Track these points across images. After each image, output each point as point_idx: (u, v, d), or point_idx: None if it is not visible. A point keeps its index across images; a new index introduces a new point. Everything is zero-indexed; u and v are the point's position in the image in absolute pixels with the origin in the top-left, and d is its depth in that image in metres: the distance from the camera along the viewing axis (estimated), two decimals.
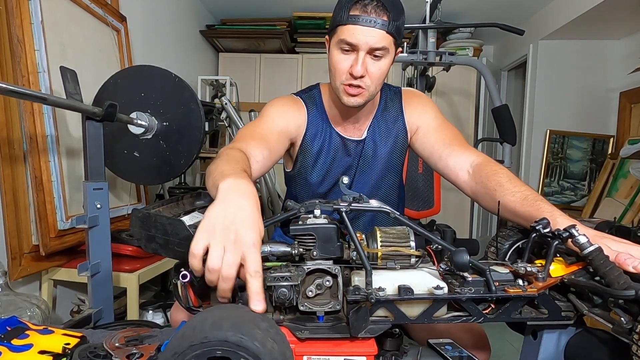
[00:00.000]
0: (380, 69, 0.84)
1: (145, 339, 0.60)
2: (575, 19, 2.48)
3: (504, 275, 0.52)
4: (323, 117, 0.98)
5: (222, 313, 0.39)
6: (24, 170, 1.30)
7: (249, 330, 0.38)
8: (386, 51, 0.82)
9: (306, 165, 0.99)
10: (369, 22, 0.79)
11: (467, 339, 0.76)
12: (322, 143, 0.97)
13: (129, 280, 1.40)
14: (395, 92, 1.02)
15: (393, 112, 0.99)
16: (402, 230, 0.57)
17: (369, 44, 0.80)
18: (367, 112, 0.98)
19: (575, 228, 0.51)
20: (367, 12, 0.79)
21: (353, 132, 0.99)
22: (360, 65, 0.81)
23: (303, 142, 0.97)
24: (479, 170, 0.80)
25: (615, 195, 2.36)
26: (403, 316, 0.50)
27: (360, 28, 0.79)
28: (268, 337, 0.38)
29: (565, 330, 0.53)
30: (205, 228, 0.48)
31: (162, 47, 2.37)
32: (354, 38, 0.80)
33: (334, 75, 0.87)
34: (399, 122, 0.99)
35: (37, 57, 1.29)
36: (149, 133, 1.34)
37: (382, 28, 0.79)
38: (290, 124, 0.94)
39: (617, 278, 0.47)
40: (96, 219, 1.12)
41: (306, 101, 0.99)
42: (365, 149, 0.98)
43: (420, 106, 0.99)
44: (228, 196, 0.52)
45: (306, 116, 0.97)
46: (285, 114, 0.94)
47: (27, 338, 0.56)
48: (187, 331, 0.38)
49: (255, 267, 0.46)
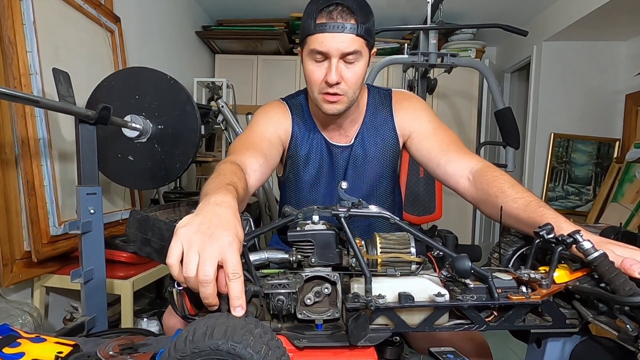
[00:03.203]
0: (355, 73, 0.84)
1: (140, 348, 0.60)
2: (580, 20, 2.45)
3: (506, 282, 0.51)
4: (309, 122, 0.98)
5: (213, 322, 0.39)
6: (16, 175, 1.28)
7: (241, 337, 0.37)
8: (358, 54, 0.82)
9: (295, 171, 0.99)
10: (336, 28, 0.79)
11: (469, 348, 0.76)
12: (309, 148, 0.97)
13: (123, 287, 1.38)
14: (385, 95, 1.00)
15: (382, 115, 0.98)
16: (403, 237, 0.57)
17: (340, 50, 0.80)
18: (351, 117, 0.97)
19: (579, 233, 0.51)
20: (334, 18, 0.79)
21: (340, 138, 0.98)
22: (335, 73, 0.81)
23: (290, 147, 0.98)
24: (479, 177, 0.79)
25: (621, 200, 2.33)
26: (403, 324, 0.50)
27: (328, 35, 0.79)
28: (262, 343, 0.38)
29: (570, 339, 0.53)
30: (179, 236, 0.47)
31: (157, 48, 2.36)
32: (324, 46, 0.80)
33: (310, 86, 0.88)
34: (388, 126, 0.97)
35: (29, 58, 1.27)
36: (144, 136, 1.33)
37: (351, 32, 0.79)
38: (278, 128, 0.95)
39: (622, 284, 0.46)
40: (89, 225, 1.10)
41: (291, 106, 0.99)
42: (353, 154, 0.98)
43: (412, 110, 0.97)
44: (204, 208, 0.52)
45: (291, 121, 0.97)
46: (272, 119, 0.96)
47: (19, 346, 0.55)
48: (178, 342, 0.38)
49: (234, 267, 0.45)
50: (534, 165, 2.98)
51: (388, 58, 2.16)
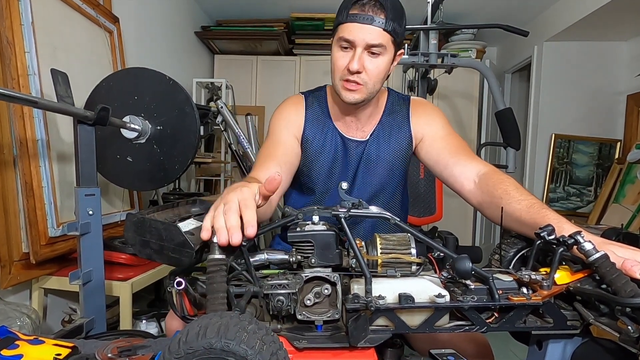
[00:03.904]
0: (377, 66, 0.86)
1: (139, 350, 0.59)
2: (582, 20, 2.44)
3: (507, 283, 0.51)
4: (325, 114, 1.01)
5: (207, 321, 0.39)
6: (14, 176, 1.27)
7: (234, 334, 0.37)
8: (383, 48, 0.85)
9: (308, 163, 1.00)
10: (365, 20, 0.82)
11: (470, 350, 0.75)
12: (324, 140, 0.99)
13: (122, 288, 1.37)
14: (404, 99, 1.03)
15: (399, 118, 1.00)
16: (403, 237, 0.56)
17: (365, 40, 0.83)
18: (369, 112, 0.98)
19: (580, 234, 0.50)
20: (365, 10, 0.83)
21: (356, 132, 1.00)
22: (357, 61, 0.84)
23: (303, 137, 0.99)
24: (486, 180, 0.80)
25: (622, 201, 2.31)
26: (404, 325, 0.50)
27: (357, 25, 0.83)
28: (256, 338, 0.38)
29: (571, 340, 0.52)
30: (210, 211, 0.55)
31: (156, 48, 2.35)
32: (351, 35, 0.84)
33: (333, 72, 0.90)
34: (404, 128, 0.99)
35: (27, 59, 1.27)
36: (143, 137, 1.32)
37: (379, 25, 0.83)
38: (292, 128, 0.98)
39: (624, 286, 0.46)
40: (88, 226, 1.10)
41: (308, 98, 1.02)
42: (367, 151, 0.99)
43: (427, 115, 1.00)
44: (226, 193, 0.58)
45: (304, 112, 1.00)
46: (286, 120, 0.99)
47: (17, 348, 0.55)
48: (172, 345, 0.38)
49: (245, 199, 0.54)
50: (535, 166, 2.97)
51: None
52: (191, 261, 0.54)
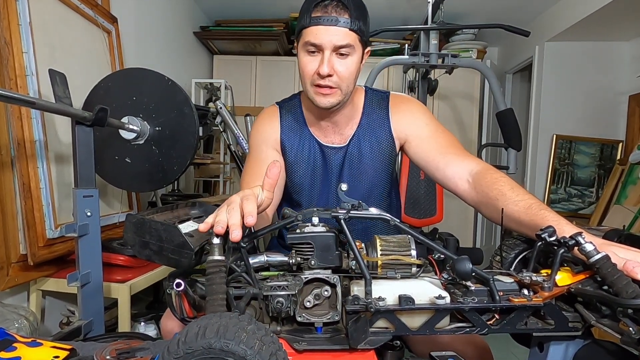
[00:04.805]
0: (347, 67, 0.85)
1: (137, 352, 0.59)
2: (583, 20, 2.43)
3: (508, 284, 0.51)
4: (300, 122, 0.99)
5: (206, 322, 0.39)
6: (12, 177, 1.27)
7: (233, 334, 0.37)
8: (351, 48, 0.84)
9: (288, 174, 0.99)
10: (330, 22, 0.81)
11: (470, 352, 0.75)
12: (300, 151, 0.98)
13: (121, 290, 1.36)
14: (382, 97, 1.00)
15: (378, 118, 0.98)
16: (403, 239, 0.56)
17: (332, 42, 0.82)
18: (346, 116, 0.96)
19: (581, 236, 0.50)
20: (328, 12, 0.81)
21: (334, 138, 0.98)
22: (326, 64, 0.83)
23: (282, 148, 0.99)
24: (479, 179, 0.78)
25: (624, 202, 2.30)
26: (404, 327, 0.49)
27: (322, 28, 0.81)
28: (255, 338, 0.38)
29: (573, 342, 0.52)
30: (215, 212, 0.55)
31: (155, 49, 2.35)
32: (317, 38, 0.82)
33: (303, 78, 0.89)
34: (384, 128, 0.97)
35: (25, 59, 1.26)
36: (141, 138, 1.31)
37: (344, 26, 0.81)
38: (270, 141, 0.98)
39: (625, 287, 0.46)
40: (86, 228, 1.09)
41: (282, 108, 1.01)
42: (348, 156, 0.97)
43: (408, 113, 0.97)
44: None
45: (279, 123, 0.99)
46: (262, 134, 0.99)
47: (15, 351, 0.55)
48: (172, 345, 0.38)
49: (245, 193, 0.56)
50: (536, 167, 2.96)
51: (388, 59, 2.16)
52: (190, 262, 0.54)
